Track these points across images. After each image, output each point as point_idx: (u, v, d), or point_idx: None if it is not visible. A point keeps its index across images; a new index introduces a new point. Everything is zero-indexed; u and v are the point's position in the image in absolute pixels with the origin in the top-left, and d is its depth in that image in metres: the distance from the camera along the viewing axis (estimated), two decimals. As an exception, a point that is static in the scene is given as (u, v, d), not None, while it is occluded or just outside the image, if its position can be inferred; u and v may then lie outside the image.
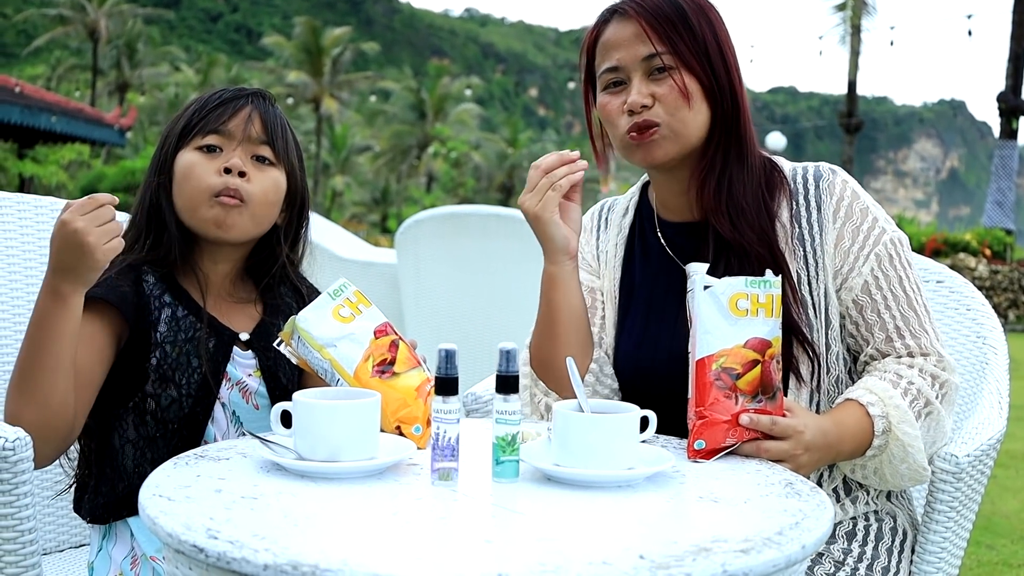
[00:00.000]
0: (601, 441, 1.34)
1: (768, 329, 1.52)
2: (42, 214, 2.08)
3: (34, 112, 21.15)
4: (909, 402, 1.63)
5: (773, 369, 1.52)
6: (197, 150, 1.77)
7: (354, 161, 61.25)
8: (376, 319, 1.65)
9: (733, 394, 1.50)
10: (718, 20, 1.75)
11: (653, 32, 1.70)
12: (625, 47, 1.72)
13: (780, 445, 1.52)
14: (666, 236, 1.84)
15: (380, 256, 5.88)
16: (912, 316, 1.71)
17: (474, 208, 4.71)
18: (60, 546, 2.05)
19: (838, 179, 1.76)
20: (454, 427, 1.31)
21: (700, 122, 1.72)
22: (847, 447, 1.62)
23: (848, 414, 1.63)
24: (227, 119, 1.77)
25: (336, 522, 1.16)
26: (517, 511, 1.23)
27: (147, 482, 1.27)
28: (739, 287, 1.52)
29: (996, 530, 4.31)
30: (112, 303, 1.69)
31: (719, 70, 1.72)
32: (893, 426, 1.61)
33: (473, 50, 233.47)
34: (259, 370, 1.81)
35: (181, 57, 68.15)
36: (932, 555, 1.73)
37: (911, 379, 1.66)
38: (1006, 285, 16.95)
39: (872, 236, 1.72)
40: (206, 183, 1.74)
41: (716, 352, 1.51)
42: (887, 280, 1.71)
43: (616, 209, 1.97)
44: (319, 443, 1.35)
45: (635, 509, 1.24)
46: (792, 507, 1.25)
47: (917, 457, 1.62)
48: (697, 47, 1.71)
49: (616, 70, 1.74)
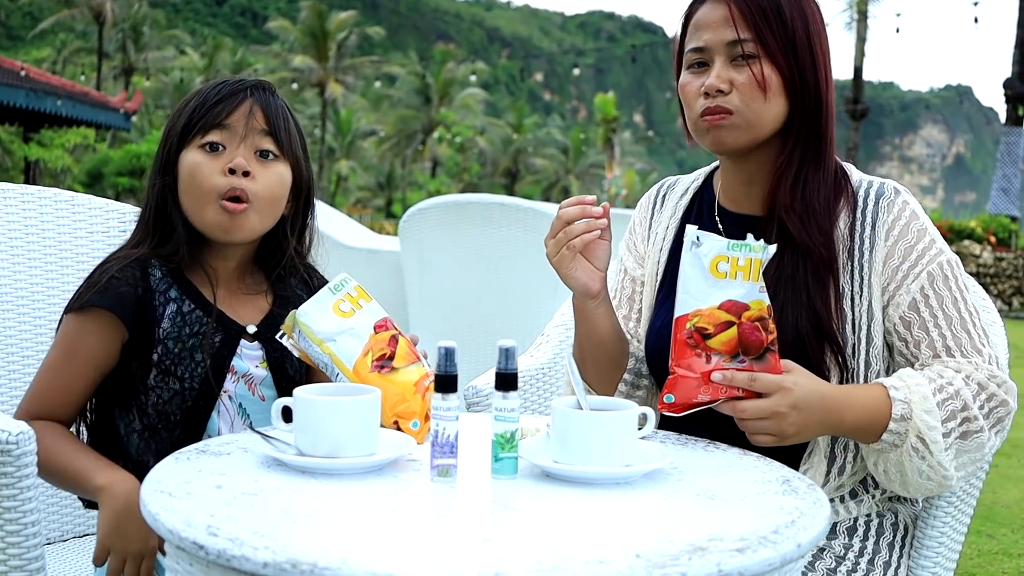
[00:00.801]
0: (599, 438, 1.35)
1: (744, 292, 1.53)
2: (45, 205, 2.08)
3: (39, 96, 21.15)
4: (941, 399, 1.57)
5: (756, 330, 1.53)
6: (200, 149, 1.75)
7: (359, 146, 61.26)
8: (376, 314, 1.65)
9: (704, 352, 1.52)
10: (813, 14, 1.72)
11: (742, 17, 1.67)
12: (712, 29, 1.70)
13: (760, 403, 1.51)
14: (724, 226, 1.82)
15: (384, 244, 5.89)
16: (965, 337, 1.65)
17: (478, 197, 4.70)
18: (64, 535, 2.06)
19: (899, 199, 1.73)
20: (453, 424, 1.32)
21: (774, 114, 1.70)
22: (851, 418, 1.58)
23: (864, 389, 1.61)
24: (228, 114, 1.75)
25: (336, 519, 1.17)
26: (515, 508, 1.24)
27: (149, 477, 1.28)
28: (721, 250, 1.54)
29: (997, 519, 4.32)
30: (109, 309, 1.70)
31: (805, 64, 1.69)
32: (914, 414, 1.57)
33: (479, 34, 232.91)
34: (265, 361, 1.81)
35: (186, 41, 68.07)
36: (930, 549, 1.74)
37: (950, 380, 1.60)
38: (1011, 272, 16.93)
39: (927, 256, 1.69)
40: (210, 184, 1.73)
41: (691, 312, 1.53)
42: (938, 299, 1.67)
43: (676, 189, 1.96)
44: (319, 439, 1.36)
45: (632, 507, 1.25)
46: (789, 505, 1.26)
47: (938, 456, 1.57)
48: (785, 38, 1.68)
49: (701, 51, 1.72)
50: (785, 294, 1.67)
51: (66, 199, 2.11)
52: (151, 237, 1.79)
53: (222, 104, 1.76)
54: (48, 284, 2.06)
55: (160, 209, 1.79)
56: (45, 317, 2.04)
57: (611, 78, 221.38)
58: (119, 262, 1.74)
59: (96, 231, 2.12)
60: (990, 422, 1.60)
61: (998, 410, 1.61)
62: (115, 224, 2.14)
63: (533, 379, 2.11)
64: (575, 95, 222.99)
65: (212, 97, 1.77)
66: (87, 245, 2.11)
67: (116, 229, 2.13)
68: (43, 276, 2.05)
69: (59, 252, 2.08)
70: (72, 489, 1.74)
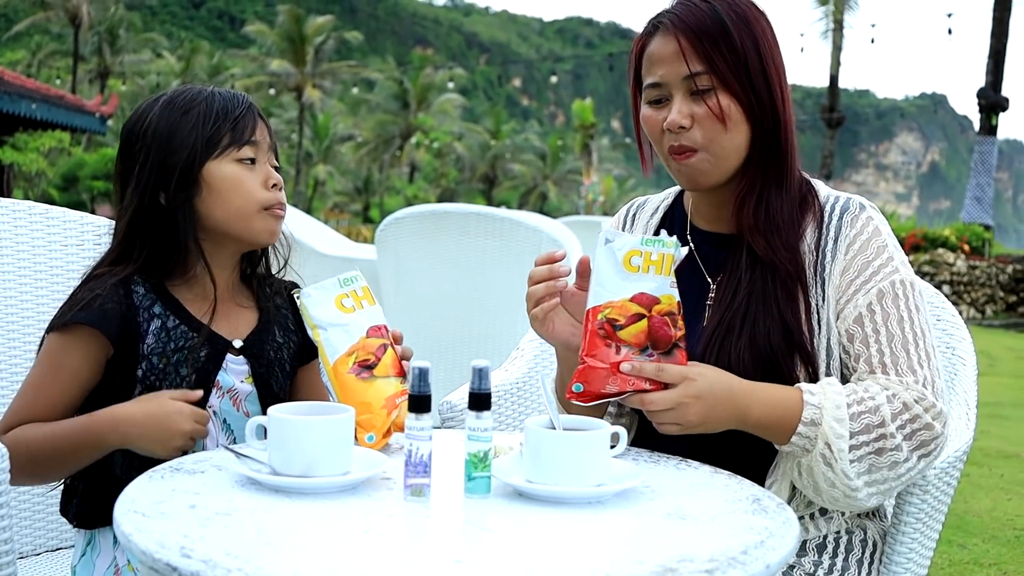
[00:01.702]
0: (572, 458, 1.36)
1: (656, 286, 1.57)
2: (20, 218, 2.08)
3: (14, 99, 20.98)
4: (856, 411, 1.57)
5: (666, 325, 1.56)
6: (238, 163, 1.77)
7: (336, 150, 61.14)
8: (375, 319, 1.69)
9: (614, 343, 1.55)
10: (763, 32, 1.72)
11: (692, 50, 1.68)
12: (667, 64, 1.71)
13: (666, 394, 1.53)
14: (695, 243, 1.84)
15: (360, 252, 5.89)
16: (903, 357, 1.65)
17: (454, 206, 4.71)
18: (36, 549, 2.06)
19: (864, 214, 1.74)
20: (427, 444, 1.33)
21: (739, 143, 1.72)
22: (757, 413, 1.59)
23: (776, 389, 1.62)
24: (253, 130, 1.80)
25: (309, 540, 1.17)
26: (488, 529, 1.25)
27: (122, 496, 1.28)
28: (635, 245, 1.57)
29: (968, 529, 4.35)
30: (93, 325, 1.69)
31: (759, 87, 1.70)
32: (824, 421, 1.57)
33: (457, 39, 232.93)
34: (251, 376, 1.81)
35: (163, 44, 67.79)
36: (899, 565, 1.76)
37: (873, 394, 1.60)
38: (984, 280, 17.07)
39: (881, 272, 1.69)
40: (258, 197, 1.77)
41: (603, 303, 1.56)
42: (884, 316, 1.67)
43: (646, 208, 1.98)
44: (293, 458, 1.36)
45: (604, 527, 1.26)
46: (758, 524, 1.27)
47: (843, 466, 1.56)
48: (738, 65, 1.68)
49: (659, 86, 1.72)
50: (756, 308, 1.69)
51: (40, 212, 2.10)
52: (138, 251, 1.77)
53: (244, 117, 1.80)
54: (22, 297, 2.05)
55: (148, 221, 1.77)
56: (19, 330, 2.04)
57: (589, 84, 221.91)
58: (102, 280, 1.74)
59: (71, 244, 2.12)
60: (912, 444, 1.58)
61: (921, 433, 1.59)
62: (90, 237, 2.13)
63: (508, 394, 2.12)
64: (553, 101, 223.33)
65: (235, 111, 1.79)
66: (61, 258, 2.10)
67: (91, 242, 2.13)
68: (17, 289, 2.05)
69: (33, 265, 2.07)
70: (81, 460, 1.70)
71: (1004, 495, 4.97)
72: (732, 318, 1.70)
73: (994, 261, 17.59)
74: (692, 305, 1.77)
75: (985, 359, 10.70)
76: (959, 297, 16.64)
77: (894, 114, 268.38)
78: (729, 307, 1.72)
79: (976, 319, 16.29)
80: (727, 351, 1.68)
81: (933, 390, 1.63)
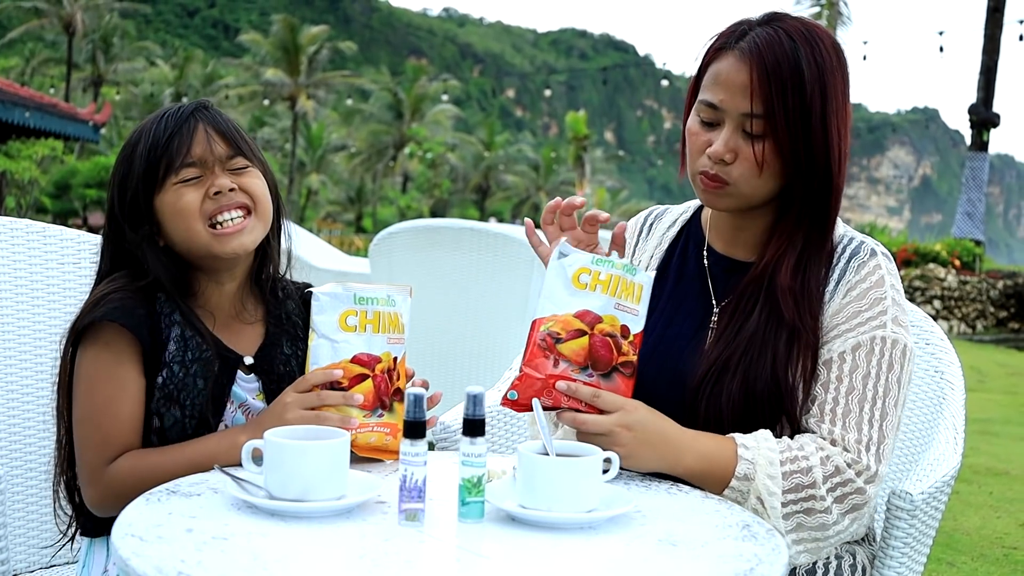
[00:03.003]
0: (565, 483, 1.38)
1: (601, 304, 1.60)
2: (16, 237, 2.09)
3: (7, 107, 20.94)
4: (788, 470, 1.58)
5: (607, 347, 1.58)
6: (179, 186, 1.73)
7: (330, 160, 61.16)
8: (371, 347, 1.67)
9: (553, 356, 1.57)
10: (835, 87, 1.68)
11: (760, 88, 1.65)
12: (730, 92, 1.68)
13: (600, 419, 1.55)
14: (708, 264, 1.85)
15: (353, 266, 5.91)
16: (854, 413, 1.64)
17: (448, 221, 4.75)
18: (30, 567, 2.06)
19: (872, 262, 1.73)
20: (421, 469, 1.34)
21: (769, 189, 1.71)
22: (689, 461, 1.59)
23: (712, 440, 1.62)
24: (188, 147, 1.74)
25: (305, 566, 1.19)
26: (481, 555, 1.26)
27: (119, 519, 1.30)
28: (584, 263, 1.61)
29: (957, 547, 4.37)
30: (130, 329, 1.69)
31: (816, 142, 1.67)
32: (757, 476, 1.58)
33: (451, 50, 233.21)
34: (262, 393, 1.81)
35: (157, 52, 67.74)
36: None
37: (807, 455, 1.60)
38: (975, 295, 17.14)
39: (867, 324, 1.69)
40: (199, 213, 1.73)
41: (548, 316, 1.59)
42: (852, 367, 1.66)
43: (664, 220, 1.97)
44: (289, 482, 1.37)
45: (596, 553, 1.28)
46: (748, 551, 1.29)
47: (775, 521, 1.57)
48: (799, 116, 1.65)
49: (715, 109, 1.70)
50: (753, 352, 1.69)
51: (37, 231, 2.12)
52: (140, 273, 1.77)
53: (177, 138, 1.74)
54: (19, 315, 2.06)
55: (129, 257, 1.77)
56: (14, 348, 2.05)
57: (583, 95, 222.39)
58: (122, 290, 1.73)
59: (67, 263, 2.13)
60: (842, 507, 1.59)
61: (852, 497, 1.60)
62: (87, 256, 2.14)
63: (501, 414, 2.14)
64: (547, 112, 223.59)
65: (163, 133, 1.74)
66: (58, 276, 2.11)
67: (87, 261, 2.14)
68: (14, 308, 2.06)
69: (30, 283, 2.08)
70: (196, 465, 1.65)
71: (993, 512, 4.99)
72: (730, 356, 1.70)
73: (985, 276, 17.66)
74: (695, 325, 1.79)
75: (975, 375, 10.73)
76: (950, 312, 16.70)
77: (886, 128, 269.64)
78: (730, 344, 1.72)
79: (967, 334, 16.35)
80: (721, 387, 1.69)
81: (875, 452, 1.63)
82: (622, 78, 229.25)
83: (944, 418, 2.00)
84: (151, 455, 1.68)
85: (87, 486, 1.69)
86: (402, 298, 1.72)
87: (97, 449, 1.68)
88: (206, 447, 1.66)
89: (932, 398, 2.08)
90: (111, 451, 1.67)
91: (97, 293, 1.74)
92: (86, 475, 1.69)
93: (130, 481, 1.61)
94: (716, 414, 1.69)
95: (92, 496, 1.69)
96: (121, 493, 1.55)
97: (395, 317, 1.70)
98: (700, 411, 1.70)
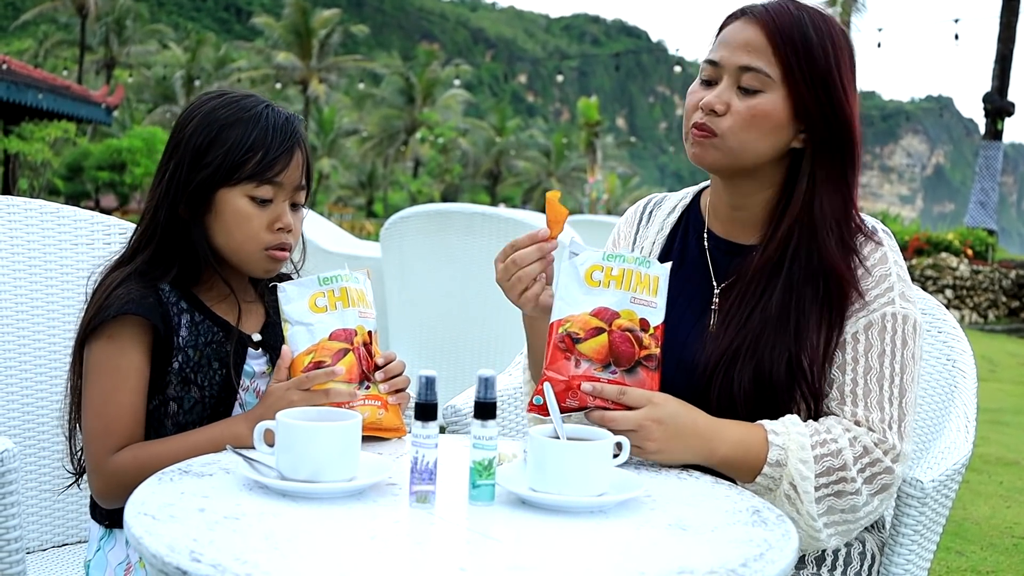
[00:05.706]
0: (575, 467, 1.38)
1: (616, 300, 1.59)
2: (31, 218, 2.10)
3: (20, 88, 21.00)
4: (819, 453, 1.58)
5: (627, 341, 1.57)
6: (249, 199, 1.75)
7: (341, 144, 61.14)
8: (344, 322, 1.70)
9: (574, 357, 1.57)
10: (841, 62, 1.70)
11: (764, 45, 1.67)
12: (730, 48, 1.70)
13: (628, 414, 1.54)
14: (708, 247, 1.84)
15: (365, 250, 5.91)
16: (875, 392, 1.64)
17: (459, 206, 4.74)
18: (43, 545, 2.08)
19: (873, 240, 1.74)
20: (432, 451, 1.35)
21: (761, 150, 1.70)
22: (723, 451, 1.59)
23: (742, 427, 1.62)
24: (282, 171, 1.76)
25: (316, 546, 1.19)
26: (492, 537, 1.27)
27: (132, 499, 1.30)
28: (596, 260, 1.60)
29: (967, 536, 4.37)
30: (139, 314, 1.70)
31: (824, 104, 1.68)
32: (789, 462, 1.58)
33: (463, 35, 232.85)
34: (270, 366, 1.85)
35: (170, 35, 67.60)
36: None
37: (835, 437, 1.60)
38: (987, 285, 17.07)
39: (876, 302, 1.69)
40: (261, 239, 1.76)
41: (564, 317, 1.59)
42: (866, 346, 1.67)
43: (664, 206, 1.96)
44: (301, 463, 1.38)
45: (606, 537, 1.28)
46: (758, 536, 1.29)
47: (808, 506, 1.57)
48: (808, 76, 1.67)
49: (714, 65, 1.72)
50: (768, 335, 1.68)
51: (51, 211, 2.12)
52: (154, 257, 1.78)
53: (282, 161, 1.76)
54: (32, 296, 2.07)
55: (171, 230, 1.78)
56: (28, 328, 2.06)
57: (594, 81, 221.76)
58: (126, 283, 1.74)
59: (81, 243, 2.14)
60: (872, 487, 1.60)
61: (881, 477, 1.60)
62: (100, 236, 2.15)
63: (511, 399, 2.14)
64: (558, 98, 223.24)
65: (275, 150, 1.76)
66: (71, 257, 2.12)
67: (101, 241, 2.15)
68: (27, 288, 2.07)
69: (44, 264, 2.09)
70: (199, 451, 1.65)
71: (1003, 502, 4.98)
72: (742, 343, 1.69)
73: (997, 266, 17.58)
74: (697, 308, 1.79)
75: (987, 364, 10.70)
76: (962, 302, 16.65)
77: (899, 116, 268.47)
78: (741, 329, 1.70)
79: (978, 324, 16.31)
80: (732, 374, 1.68)
81: (898, 429, 1.63)
82: (634, 64, 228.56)
83: (956, 406, 1.99)
84: (153, 445, 1.70)
85: (92, 476, 1.72)
86: (363, 277, 1.77)
87: (100, 439, 1.70)
88: (209, 436, 1.68)
89: (944, 386, 2.07)
90: (113, 441, 1.69)
91: (103, 290, 1.76)
92: (91, 465, 1.72)
93: (132, 471, 1.63)
94: (728, 401, 1.69)
95: (97, 486, 1.72)
96: (124, 483, 1.56)
97: (361, 293, 1.74)
98: (712, 397, 1.69)
